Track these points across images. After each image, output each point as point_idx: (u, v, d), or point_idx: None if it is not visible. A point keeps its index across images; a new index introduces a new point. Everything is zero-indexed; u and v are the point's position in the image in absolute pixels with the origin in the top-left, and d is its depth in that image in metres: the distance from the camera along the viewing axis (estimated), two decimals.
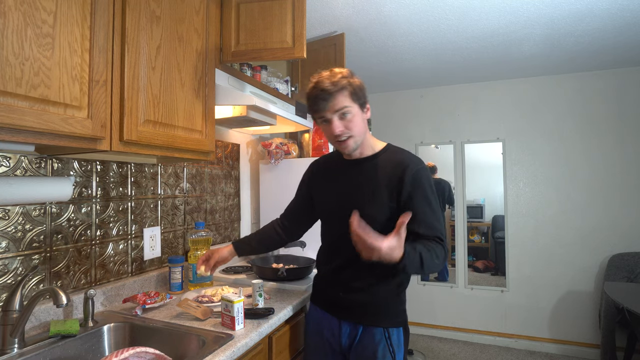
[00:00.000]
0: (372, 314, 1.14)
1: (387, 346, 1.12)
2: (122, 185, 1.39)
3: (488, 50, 2.49)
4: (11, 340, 0.93)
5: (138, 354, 0.86)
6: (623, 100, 2.88)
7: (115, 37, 1.00)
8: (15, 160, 1.05)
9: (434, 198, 1.11)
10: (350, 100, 1.08)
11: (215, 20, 1.43)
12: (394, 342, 1.13)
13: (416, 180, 1.09)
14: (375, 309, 1.14)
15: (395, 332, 1.14)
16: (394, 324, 1.14)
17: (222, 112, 1.67)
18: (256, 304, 1.24)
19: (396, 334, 1.14)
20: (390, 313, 1.15)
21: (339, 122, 1.08)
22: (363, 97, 1.11)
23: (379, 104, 3.56)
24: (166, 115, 1.17)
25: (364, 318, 1.15)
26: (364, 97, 1.11)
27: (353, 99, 1.08)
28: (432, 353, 2.99)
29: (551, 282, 3.02)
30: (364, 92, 1.11)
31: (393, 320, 1.14)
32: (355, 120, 1.09)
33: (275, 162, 2.11)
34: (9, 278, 1.03)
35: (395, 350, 1.13)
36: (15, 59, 0.76)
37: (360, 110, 1.11)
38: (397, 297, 1.17)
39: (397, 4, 1.88)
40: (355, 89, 1.08)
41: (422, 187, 1.09)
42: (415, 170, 1.10)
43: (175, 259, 1.49)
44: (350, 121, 1.09)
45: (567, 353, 2.95)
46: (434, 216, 1.09)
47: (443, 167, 3.43)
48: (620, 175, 2.88)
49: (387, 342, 1.12)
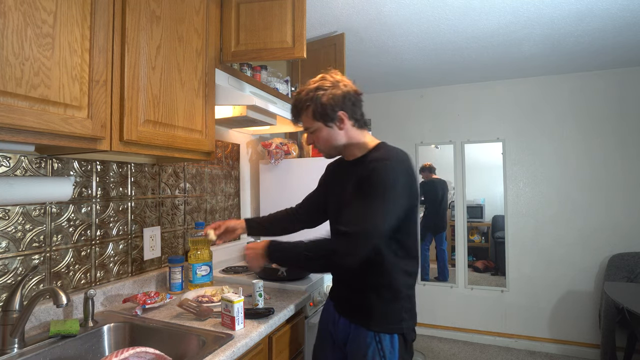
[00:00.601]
0: (363, 316, 1.13)
1: (378, 350, 1.08)
2: (122, 185, 1.39)
3: (488, 50, 2.49)
4: (11, 340, 0.93)
5: (138, 354, 0.86)
6: (623, 100, 2.88)
7: (115, 37, 1.00)
8: (15, 160, 1.05)
9: (382, 193, 1.01)
10: (311, 120, 1.12)
11: (215, 20, 1.43)
12: (386, 349, 1.08)
13: (371, 172, 1.03)
14: (366, 311, 1.12)
15: (388, 339, 1.08)
16: (387, 330, 1.09)
17: (222, 112, 1.67)
18: (256, 304, 1.24)
19: (389, 340, 1.08)
20: (381, 318, 1.10)
21: (309, 135, 1.17)
22: (329, 114, 1.10)
23: (379, 104, 3.56)
24: (166, 115, 1.17)
25: (355, 318, 1.15)
26: (331, 112, 1.09)
27: (315, 117, 1.11)
28: (432, 353, 2.99)
29: (551, 282, 3.02)
30: (331, 108, 1.09)
31: (385, 326, 1.09)
32: (319, 136, 1.14)
33: (275, 162, 2.11)
34: (9, 278, 1.03)
35: (387, 356, 1.07)
36: (15, 59, 0.76)
37: (325, 126, 1.12)
38: (393, 303, 1.10)
39: (397, 4, 1.88)
40: (319, 108, 1.09)
41: (373, 179, 1.02)
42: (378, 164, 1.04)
43: (175, 259, 1.49)
44: (316, 136, 1.15)
45: (567, 353, 2.95)
46: (362, 210, 1.01)
47: (443, 167, 3.43)
48: (620, 175, 2.88)
49: (377, 346, 1.08)
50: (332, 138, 1.14)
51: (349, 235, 1.00)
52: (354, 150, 1.17)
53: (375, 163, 1.05)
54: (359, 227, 1.00)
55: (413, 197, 1.08)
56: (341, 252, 1.02)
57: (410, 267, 1.13)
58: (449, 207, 3.43)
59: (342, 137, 1.14)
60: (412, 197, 1.07)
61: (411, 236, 1.12)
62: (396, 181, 1.03)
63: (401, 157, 1.09)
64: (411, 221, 1.10)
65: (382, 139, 1.24)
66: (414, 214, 1.11)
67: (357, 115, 1.14)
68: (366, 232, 1.00)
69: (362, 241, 1.01)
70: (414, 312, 1.16)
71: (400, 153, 1.11)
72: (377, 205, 1.01)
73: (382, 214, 1.00)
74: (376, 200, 1.01)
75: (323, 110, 1.10)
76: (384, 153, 1.10)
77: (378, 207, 1.00)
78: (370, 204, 1.01)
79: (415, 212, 1.11)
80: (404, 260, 1.11)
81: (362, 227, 1.00)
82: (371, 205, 1.01)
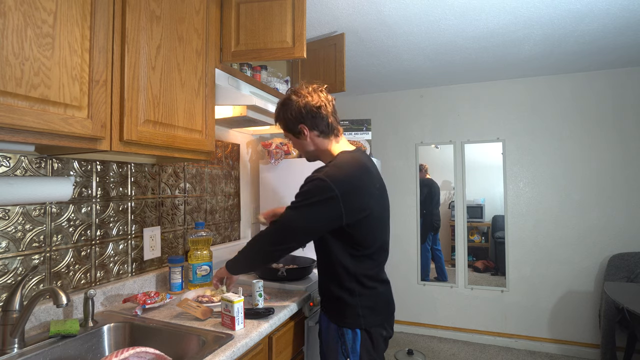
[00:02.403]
0: (328, 310, 1.25)
1: (341, 344, 1.19)
2: (122, 185, 1.39)
3: (488, 50, 2.49)
4: (11, 340, 0.93)
5: (138, 354, 0.86)
6: (623, 100, 2.87)
7: (115, 37, 1.00)
8: (15, 160, 1.05)
9: (302, 198, 1.14)
10: (285, 132, 1.31)
11: (215, 20, 1.43)
12: (348, 342, 1.18)
13: (304, 183, 1.18)
14: (330, 306, 1.24)
15: (350, 333, 1.18)
16: (347, 325, 1.19)
17: (222, 112, 1.67)
18: (256, 304, 1.24)
19: (351, 335, 1.18)
20: (340, 313, 1.20)
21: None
22: (292, 128, 1.26)
23: (379, 104, 3.56)
24: (166, 115, 1.17)
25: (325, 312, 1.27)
26: (293, 127, 1.25)
27: (287, 130, 1.29)
28: (432, 353, 2.99)
29: (551, 282, 3.02)
30: (292, 123, 1.25)
31: (343, 320, 1.19)
32: (294, 144, 1.32)
33: (275, 162, 2.11)
34: (9, 278, 1.03)
35: (349, 350, 1.18)
36: (15, 59, 0.76)
37: (294, 137, 1.29)
38: (349, 300, 1.19)
39: (397, 4, 1.88)
40: (284, 123, 1.28)
41: (300, 189, 1.17)
42: (310, 175, 1.18)
43: (175, 259, 1.49)
44: (293, 144, 1.34)
45: (567, 353, 2.95)
46: (285, 212, 1.18)
47: (443, 167, 3.43)
48: (620, 175, 2.88)
49: (340, 339, 1.19)
50: (302, 146, 1.30)
51: (270, 228, 1.19)
52: (323, 157, 1.30)
53: (312, 174, 1.18)
54: (277, 224, 1.17)
55: (348, 210, 1.11)
56: (259, 239, 1.21)
57: (360, 269, 1.19)
58: (449, 207, 3.43)
59: (309, 145, 1.28)
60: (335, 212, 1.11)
61: (364, 239, 1.18)
62: (316, 191, 1.12)
63: (345, 167, 1.16)
64: (363, 225, 1.16)
65: (382, 139, 1.26)
66: (367, 222, 1.17)
67: (320, 127, 1.24)
68: (282, 229, 1.16)
69: (275, 235, 1.17)
70: (378, 310, 1.21)
71: (345, 164, 1.18)
72: (297, 209, 1.14)
73: (297, 218, 1.14)
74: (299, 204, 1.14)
75: (287, 125, 1.27)
76: (324, 167, 1.20)
77: (297, 212, 1.15)
78: (294, 206, 1.15)
79: (367, 222, 1.17)
80: (354, 261, 1.18)
81: (279, 224, 1.16)
82: (294, 208, 1.15)
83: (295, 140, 1.30)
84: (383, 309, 1.24)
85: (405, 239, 3.46)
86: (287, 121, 1.26)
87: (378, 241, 1.21)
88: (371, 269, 1.21)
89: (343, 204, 1.10)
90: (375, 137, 3.53)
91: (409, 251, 3.45)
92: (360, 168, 1.19)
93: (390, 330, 1.27)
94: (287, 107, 1.25)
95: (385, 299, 1.25)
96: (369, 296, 1.20)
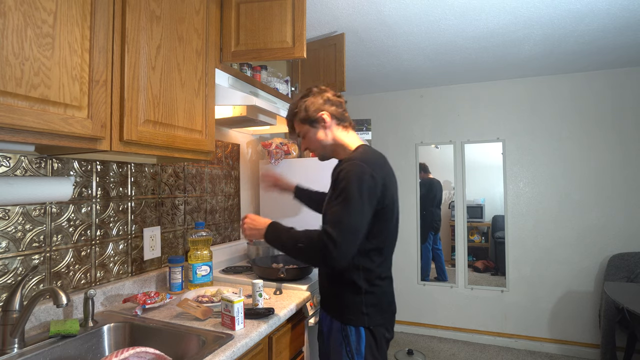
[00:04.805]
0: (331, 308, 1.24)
1: (344, 342, 1.18)
2: (122, 185, 1.39)
3: (488, 50, 2.49)
4: (11, 340, 0.93)
5: (138, 354, 0.86)
6: (623, 100, 2.88)
7: (115, 37, 1.00)
8: (15, 160, 1.05)
9: (352, 193, 1.08)
10: (301, 125, 1.28)
11: (215, 20, 1.43)
12: (352, 343, 1.18)
13: (340, 174, 1.13)
14: (333, 303, 1.24)
15: (354, 331, 1.18)
16: (351, 323, 1.19)
17: (222, 112, 1.67)
18: (256, 304, 1.24)
19: (354, 333, 1.18)
20: (344, 310, 1.20)
21: (303, 141, 1.31)
22: (313, 115, 1.24)
23: (379, 104, 3.56)
24: (166, 115, 1.17)
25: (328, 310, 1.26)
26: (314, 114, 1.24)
27: (303, 122, 1.27)
28: (432, 353, 2.99)
29: (551, 282, 3.02)
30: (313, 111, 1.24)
31: (347, 317, 1.19)
32: (309, 138, 1.28)
33: (275, 162, 2.11)
34: (9, 278, 1.03)
35: (353, 351, 1.17)
36: (15, 59, 0.76)
37: (311, 127, 1.26)
38: (354, 297, 1.19)
39: (397, 4, 1.88)
40: (303, 112, 1.25)
41: (342, 181, 1.11)
42: (344, 165, 1.14)
43: (175, 259, 1.49)
44: (307, 139, 1.29)
45: (567, 353, 2.95)
46: (336, 209, 1.09)
47: (443, 167, 3.43)
48: (620, 175, 2.88)
49: (344, 338, 1.19)
50: (319, 138, 1.26)
51: (328, 233, 1.06)
52: (339, 151, 1.28)
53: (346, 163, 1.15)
54: (339, 226, 1.07)
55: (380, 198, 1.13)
56: (328, 254, 1.06)
57: (369, 264, 1.19)
58: (449, 207, 3.43)
59: (327, 136, 1.26)
60: (377, 198, 1.12)
61: (380, 232, 1.18)
62: (361, 184, 1.09)
63: (372, 160, 1.16)
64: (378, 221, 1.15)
65: (382, 139, 1.27)
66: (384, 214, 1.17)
67: (338, 115, 1.25)
68: (348, 236, 1.07)
69: (344, 247, 1.06)
70: (382, 309, 1.21)
71: (371, 157, 1.18)
72: (349, 205, 1.07)
73: (352, 215, 1.07)
74: (350, 201, 1.08)
75: (307, 114, 1.25)
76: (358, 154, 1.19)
77: (350, 206, 1.07)
78: (344, 203, 1.08)
79: (385, 213, 1.17)
80: (363, 258, 1.17)
81: (338, 226, 1.07)
82: (346, 205, 1.08)
83: (310, 131, 1.26)
84: (386, 309, 1.24)
85: (405, 239, 3.46)
86: (307, 110, 1.25)
87: (391, 235, 1.23)
88: (379, 265, 1.21)
89: (381, 190, 1.13)
90: (375, 137, 3.53)
91: (409, 251, 3.45)
92: (384, 160, 1.25)
93: (392, 332, 1.27)
94: (307, 97, 1.26)
95: (389, 298, 1.25)
96: (376, 294, 1.20)
